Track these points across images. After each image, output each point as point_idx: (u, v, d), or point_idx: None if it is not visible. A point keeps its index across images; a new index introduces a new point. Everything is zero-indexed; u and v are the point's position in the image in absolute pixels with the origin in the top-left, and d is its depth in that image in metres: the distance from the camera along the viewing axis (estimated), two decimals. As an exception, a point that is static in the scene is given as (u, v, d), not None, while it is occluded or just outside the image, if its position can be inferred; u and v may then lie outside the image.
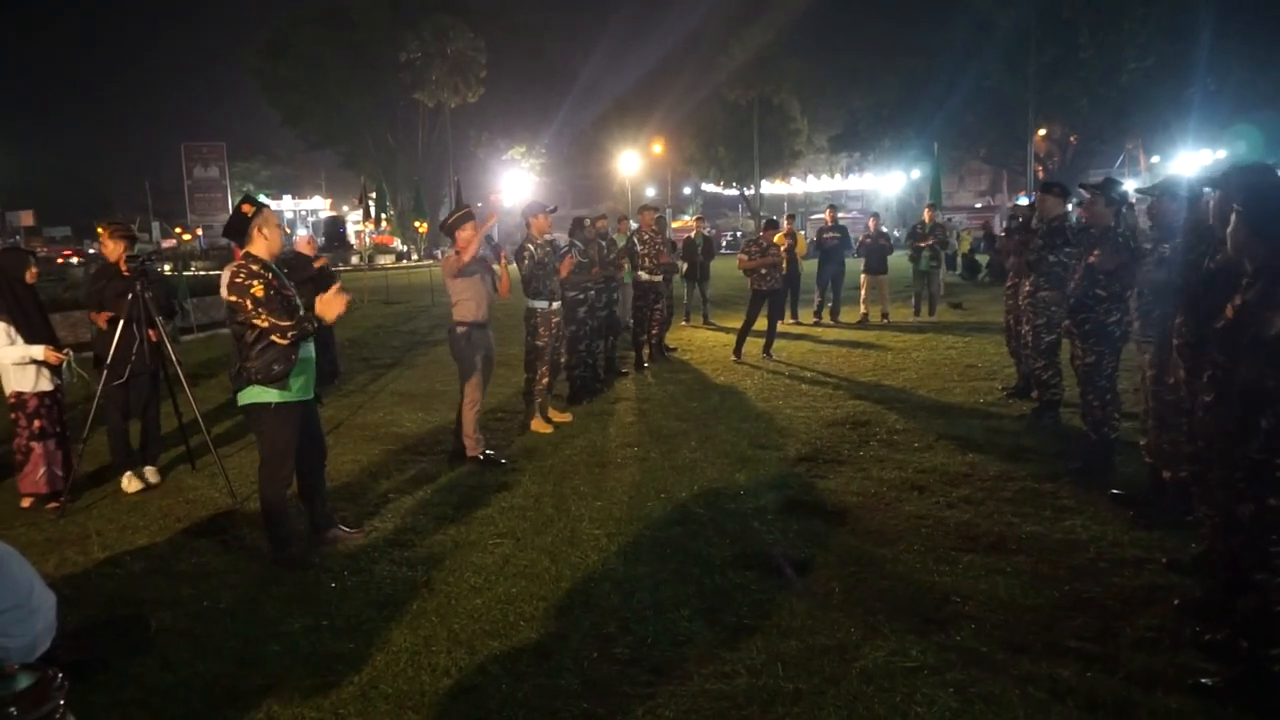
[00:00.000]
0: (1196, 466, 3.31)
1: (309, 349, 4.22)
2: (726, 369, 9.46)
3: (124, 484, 5.57)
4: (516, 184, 51.19)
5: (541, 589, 3.85)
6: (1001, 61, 28.32)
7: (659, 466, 5.70)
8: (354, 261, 39.92)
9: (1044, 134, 34.72)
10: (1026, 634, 3.27)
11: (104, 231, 5.82)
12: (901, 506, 4.76)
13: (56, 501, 5.22)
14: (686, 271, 13.69)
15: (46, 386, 5.29)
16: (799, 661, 3.13)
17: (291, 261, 8.05)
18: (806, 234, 25.01)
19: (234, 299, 4.01)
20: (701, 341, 11.85)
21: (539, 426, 6.78)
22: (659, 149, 44.95)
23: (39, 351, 5.13)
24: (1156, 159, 35.26)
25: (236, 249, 4.45)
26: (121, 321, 5.29)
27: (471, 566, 4.12)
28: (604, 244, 8.79)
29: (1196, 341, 3.10)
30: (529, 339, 6.80)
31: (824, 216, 14.27)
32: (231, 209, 4.71)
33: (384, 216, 32.79)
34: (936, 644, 3.22)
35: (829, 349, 10.70)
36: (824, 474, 5.41)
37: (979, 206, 53.29)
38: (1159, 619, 3.33)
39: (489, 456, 5.89)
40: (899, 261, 14.62)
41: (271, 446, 4.15)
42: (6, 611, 1.63)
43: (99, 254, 6.43)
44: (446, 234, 5.98)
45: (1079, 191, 6.21)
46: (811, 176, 53.03)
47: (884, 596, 3.64)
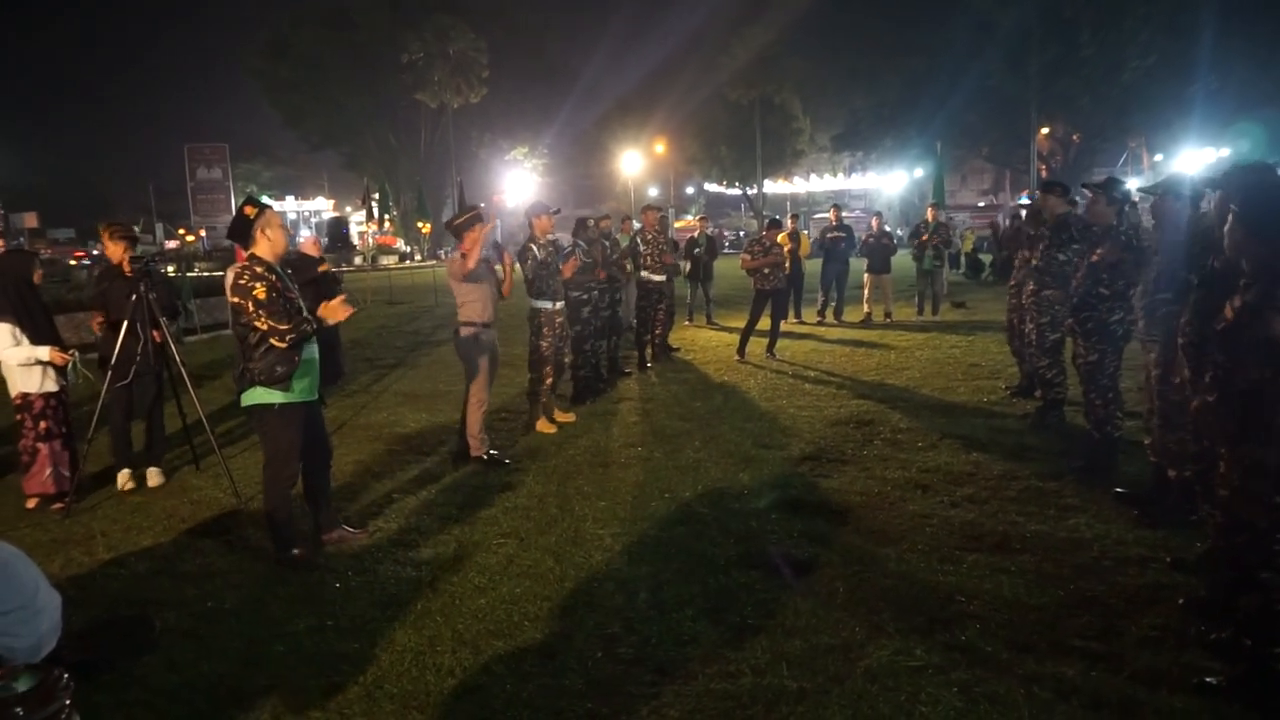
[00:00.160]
0: (1200, 465, 3.31)
1: (312, 350, 4.23)
2: (730, 369, 9.46)
3: (119, 481, 5.60)
4: (519, 184, 51.25)
5: (546, 589, 3.85)
6: (1003, 60, 28.27)
7: (663, 466, 5.70)
8: (357, 262, 39.98)
9: (1046, 133, 34.65)
10: (1031, 633, 3.26)
11: (104, 233, 5.84)
12: (905, 506, 4.76)
13: (61, 502, 5.24)
14: (690, 271, 13.70)
15: (52, 387, 5.31)
16: (803, 661, 3.13)
17: (296, 263, 8.06)
18: (810, 233, 24.99)
19: (236, 300, 4.03)
20: (705, 341, 11.85)
21: (543, 426, 6.79)
22: (661, 149, 44.98)
23: (45, 352, 5.15)
24: (1159, 157, 35.20)
25: (240, 250, 4.46)
26: (125, 323, 5.30)
27: (476, 566, 4.13)
28: (607, 244, 8.80)
29: (1200, 341, 3.09)
30: (533, 339, 6.81)
31: (828, 215, 14.24)
32: (234, 210, 4.72)
33: (387, 217, 32.86)
34: (941, 643, 3.22)
35: (832, 348, 10.69)
36: (828, 473, 5.41)
37: (982, 205, 53.18)
38: (1163, 618, 3.32)
39: (493, 456, 5.89)
40: (902, 261, 14.61)
41: (275, 447, 4.17)
42: (12, 612, 1.63)
43: (103, 255, 6.45)
44: (454, 235, 5.99)
45: (1081, 191, 6.19)
46: (814, 176, 53.02)
47: (888, 596, 3.64)
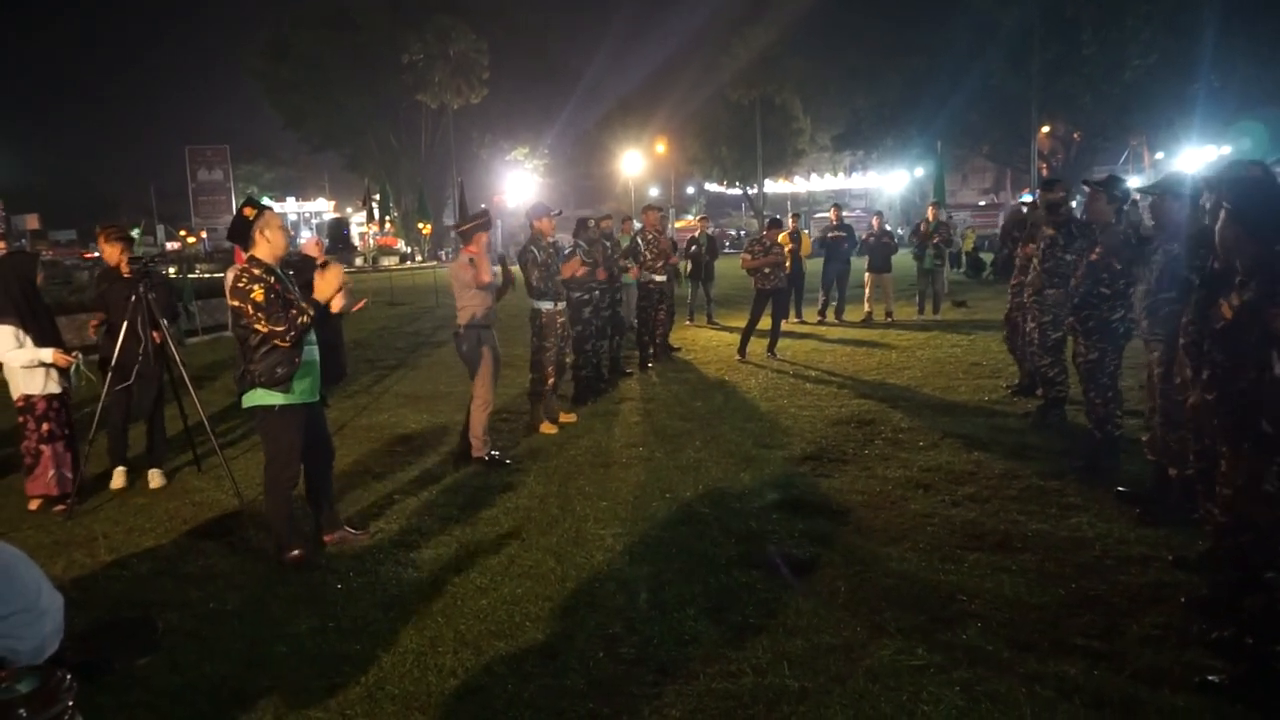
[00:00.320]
0: (1202, 464, 3.31)
1: (313, 352, 4.24)
2: (731, 368, 9.46)
3: (114, 480, 5.62)
4: (520, 185, 51.21)
5: (547, 589, 3.85)
6: (1004, 59, 28.24)
7: (664, 466, 5.71)
8: (358, 263, 40.00)
9: (1047, 131, 34.63)
10: (1032, 632, 3.26)
11: (100, 235, 5.86)
12: (907, 505, 4.76)
13: (64, 504, 5.24)
14: (691, 271, 13.71)
15: (55, 389, 5.31)
16: (805, 660, 3.13)
17: (298, 264, 8.05)
18: (810, 233, 25.00)
19: (236, 303, 4.03)
20: (706, 341, 11.85)
21: (544, 427, 6.79)
22: (662, 149, 44.92)
23: (48, 354, 5.15)
24: (1161, 156, 35.11)
25: (239, 252, 4.46)
26: (125, 324, 5.31)
27: (477, 567, 4.13)
28: (608, 244, 8.80)
29: (1201, 340, 3.09)
30: (534, 340, 6.81)
31: (829, 215, 14.23)
32: (235, 211, 4.73)
33: (388, 218, 32.84)
34: (942, 642, 3.22)
35: (833, 348, 10.69)
36: (829, 473, 5.41)
37: (983, 204, 53.15)
38: (1165, 616, 3.32)
39: (494, 457, 5.90)
40: (903, 260, 14.60)
41: (276, 448, 4.17)
42: (15, 614, 1.64)
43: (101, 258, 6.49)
44: (461, 238, 6.01)
45: (1082, 189, 6.18)
46: (815, 175, 52.97)
47: (889, 595, 3.64)
